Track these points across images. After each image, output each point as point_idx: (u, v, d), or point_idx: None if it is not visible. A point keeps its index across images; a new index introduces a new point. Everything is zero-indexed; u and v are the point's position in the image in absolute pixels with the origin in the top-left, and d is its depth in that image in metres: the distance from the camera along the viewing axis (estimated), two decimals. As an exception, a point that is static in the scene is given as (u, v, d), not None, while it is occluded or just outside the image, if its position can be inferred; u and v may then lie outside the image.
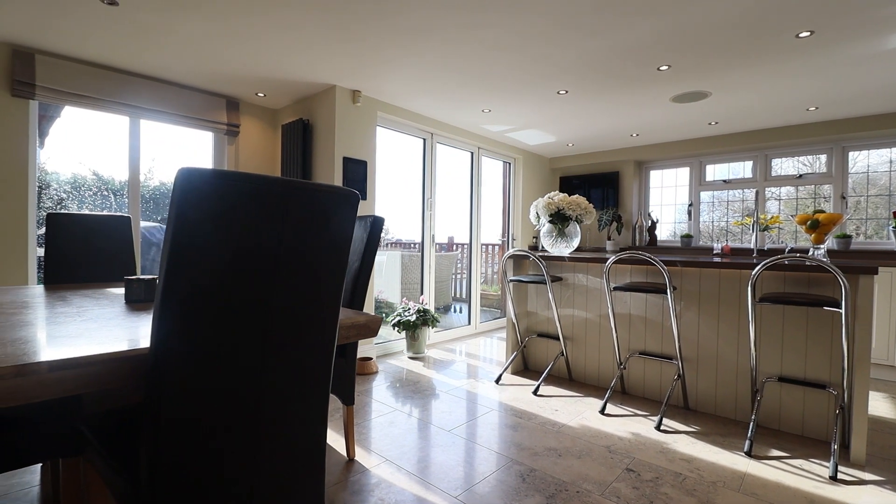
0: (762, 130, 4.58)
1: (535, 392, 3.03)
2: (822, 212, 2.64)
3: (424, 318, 3.93)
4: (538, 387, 3.06)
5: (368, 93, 3.72)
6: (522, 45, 2.76)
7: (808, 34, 2.55)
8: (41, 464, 1.81)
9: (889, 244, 4.12)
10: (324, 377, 1.08)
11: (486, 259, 6.14)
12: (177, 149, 3.78)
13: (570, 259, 3.18)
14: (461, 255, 5.84)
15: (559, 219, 3.36)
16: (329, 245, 0.99)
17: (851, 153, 4.39)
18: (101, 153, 3.40)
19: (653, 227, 5.34)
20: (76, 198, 3.34)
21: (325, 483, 1.30)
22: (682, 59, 2.92)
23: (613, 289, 2.81)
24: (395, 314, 4.00)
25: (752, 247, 3.27)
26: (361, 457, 2.11)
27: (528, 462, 2.07)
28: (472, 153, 5.06)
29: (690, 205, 5.30)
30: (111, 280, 2.33)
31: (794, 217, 2.73)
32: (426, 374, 3.45)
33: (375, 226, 2.03)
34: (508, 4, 2.29)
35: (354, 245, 2.06)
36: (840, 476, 1.98)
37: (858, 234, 4.37)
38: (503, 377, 3.38)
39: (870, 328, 2.08)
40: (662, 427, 2.49)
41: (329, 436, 2.34)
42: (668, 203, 5.54)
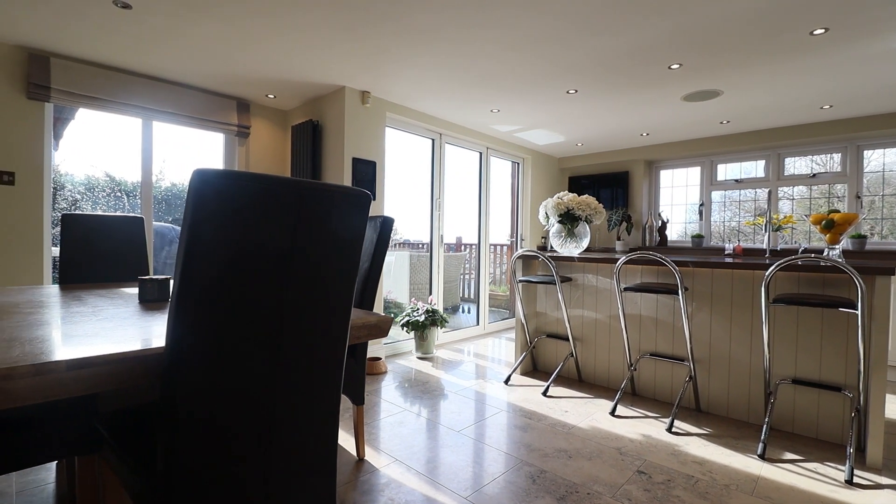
0: (775, 129, 4.53)
1: (545, 393, 3.02)
2: (837, 211, 2.60)
3: (433, 319, 3.93)
4: (547, 388, 3.05)
5: (377, 93, 3.73)
6: (532, 45, 2.75)
7: (823, 31, 2.51)
8: (56, 461, 1.83)
9: (906, 244, 4.05)
10: (335, 377, 1.08)
11: (495, 259, 6.12)
12: (187, 150, 3.82)
13: (580, 259, 3.16)
14: (469, 256, 5.83)
15: (569, 219, 3.35)
16: (341, 245, 0.99)
17: (866, 152, 4.32)
18: (114, 155, 3.44)
19: (663, 228, 5.29)
20: (90, 199, 3.39)
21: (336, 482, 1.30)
22: (694, 58, 2.89)
23: (624, 289, 2.79)
24: (404, 314, 4.00)
25: (765, 247, 3.23)
26: (371, 456, 2.12)
27: (538, 463, 2.06)
28: (481, 153, 5.06)
29: (701, 205, 5.24)
30: (124, 280, 2.36)
31: (809, 217, 2.69)
32: (435, 375, 3.45)
33: (385, 226, 2.03)
34: (518, 3, 2.28)
35: (364, 245, 2.07)
36: (856, 480, 1.95)
37: (873, 234, 4.30)
38: (512, 378, 3.37)
39: (886, 330, 2.05)
40: (674, 429, 2.46)
41: (339, 435, 2.34)
42: (679, 203, 5.49)
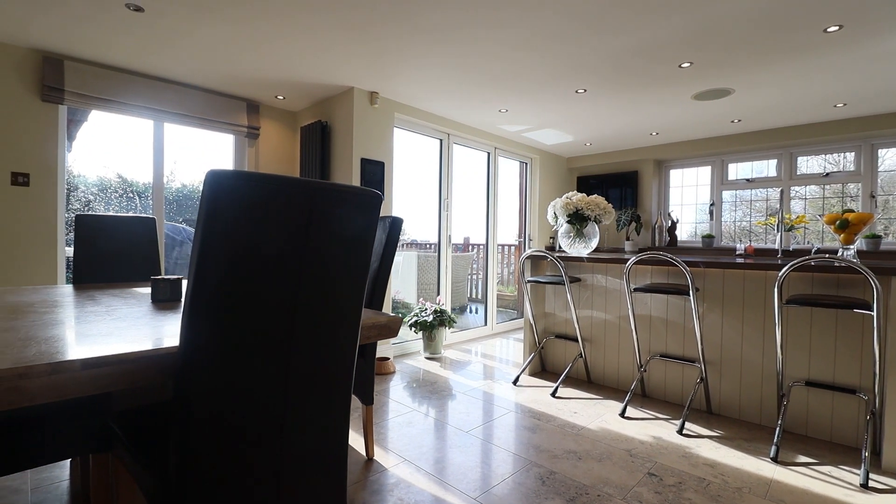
0: (787, 128, 4.47)
1: (554, 394, 3.00)
2: (852, 211, 2.56)
3: (441, 319, 3.93)
4: (556, 388, 3.04)
5: (386, 94, 3.74)
6: (541, 44, 2.74)
7: (837, 28, 2.47)
8: (70, 459, 1.86)
9: (922, 244, 3.98)
10: (346, 376, 1.08)
11: (502, 260, 6.11)
12: (198, 151, 3.86)
13: (589, 260, 3.14)
14: (477, 256, 5.83)
15: (577, 219, 3.33)
16: (353, 246, 0.99)
17: (881, 150, 4.25)
18: (125, 156, 3.48)
19: (673, 228, 5.25)
20: (102, 199, 3.43)
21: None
22: (705, 56, 2.86)
23: (634, 290, 2.77)
24: (413, 314, 4.00)
25: (777, 247, 3.18)
26: (380, 456, 2.12)
27: (548, 464, 2.05)
28: (489, 153, 5.05)
29: (712, 204, 5.19)
30: (136, 280, 2.39)
31: (822, 217, 2.65)
32: (443, 375, 3.45)
33: (394, 226, 2.03)
34: (527, 3, 2.27)
35: (374, 246, 2.07)
36: (871, 484, 1.92)
37: (888, 234, 4.23)
38: (520, 378, 3.36)
39: (903, 331, 2.01)
40: (685, 431, 2.44)
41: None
42: (689, 203, 5.44)
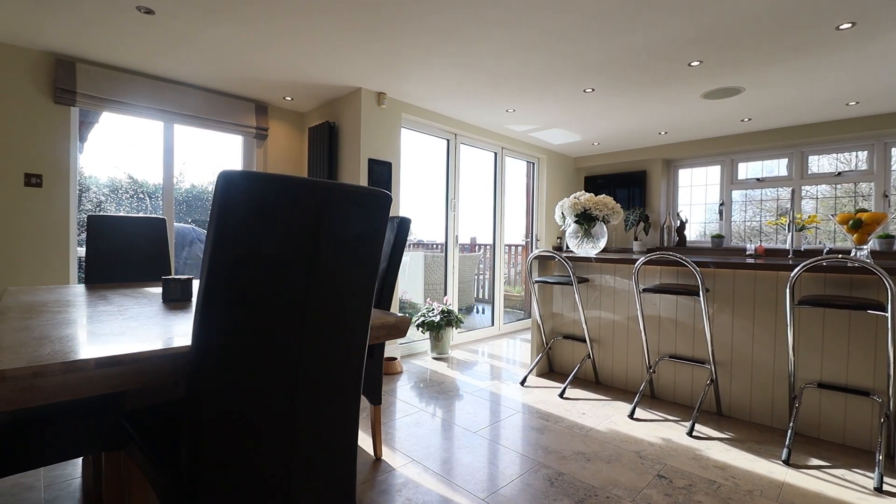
0: (798, 126, 4.42)
1: (562, 395, 2.99)
2: (865, 211, 2.53)
3: (448, 319, 3.92)
4: (564, 389, 3.02)
5: (393, 95, 3.75)
6: (549, 43, 2.73)
7: (850, 26, 2.44)
8: (82, 457, 1.88)
9: (937, 245, 3.91)
10: (356, 376, 1.08)
11: (509, 260, 6.10)
12: (207, 152, 3.89)
13: (597, 260, 3.13)
14: (484, 256, 5.82)
15: (585, 219, 3.31)
16: (363, 245, 1.00)
17: (894, 149, 4.19)
18: (136, 157, 3.52)
19: (682, 228, 5.21)
20: (113, 200, 3.47)
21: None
22: (715, 54, 2.83)
23: (643, 290, 2.75)
24: (420, 314, 4.01)
25: (788, 247, 3.15)
26: (388, 456, 2.12)
27: (556, 466, 2.04)
28: (496, 153, 5.04)
29: (721, 204, 5.14)
30: (147, 279, 2.41)
31: (835, 217, 2.62)
32: (450, 375, 3.44)
33: (402, 227, 2.03)
34: (537, 1, 2.27)
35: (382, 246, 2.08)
36: (886, 488, 1.89)
37: (903, 234, 4.16)
38: (528, 379, 3.35)
39: (919, 333, 1.98)
40: (695, 433, 2.42)
41: (356, 435, 2.35)
42: (698, 203, 5.40)
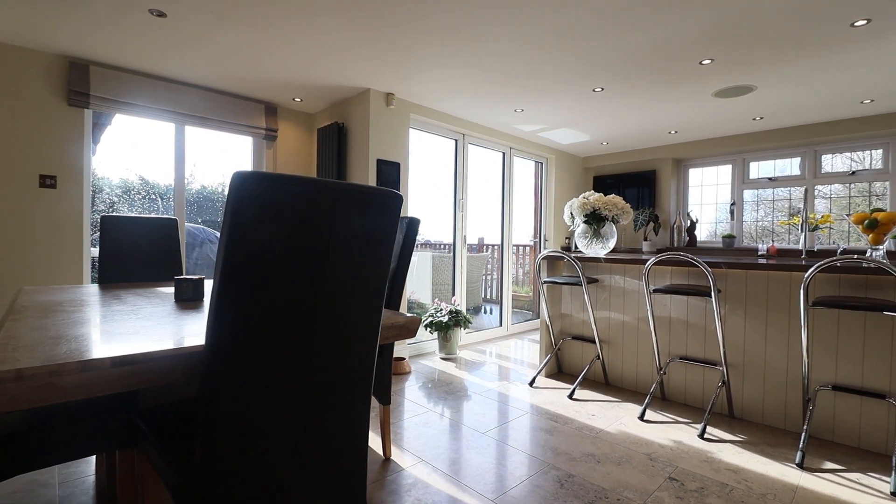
0: (811, 125, 4.36)
1: (571, 396, 2.97)
2: (881, 210, 2.49)
3: (457, 320, 3.92)
4: (573, 390, 3.01)
5: (401, 95, 3.75)
6: (559, 42, 2.72)
7: (865, 22, 2.40)
8: (96, 455, 1.90)
9: (955, 245, 3.84)
10: (367, 376, 1.09)
11: (517, 260, 6.08)
12: (216, 153, 3.92)
13: (607, 260, 3.11)
14: (492, 257, 5.81)
15: (594, 219, 3.30)
16: (374, 245, 1.00)
17: (911, 148, 4.12)
18: (147, 159, 3.56)
19: (692, 228, 5.16)
20: (126, 201, 3.51)
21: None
22: (727, 53, 2.80)
23: (653, 291, 2.72)
24: (428, 315, 4.01)
25: (801, 248, 3.11)
26: (397, 456, 2.12)
27: (566, 467, 2.03)
28: (504, 153, 5.03)
29: (733, 204, 5.09)
30: (159, 279, 2.44)
31: (850, 216, 2.58)
32: (458, 376, 3.44)
33: (411, 227, 2.04)
34: (548, 0, 2.26)
35: (391, 246, 2.08)
36: (904, 492, 1.86)
37: (919, 235, 4.09)
38: (537, 380, 3.33)
39: (937, 335, 1.94)
40: (706, 435, 2.39)
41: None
42: (709, 202, 5.34)
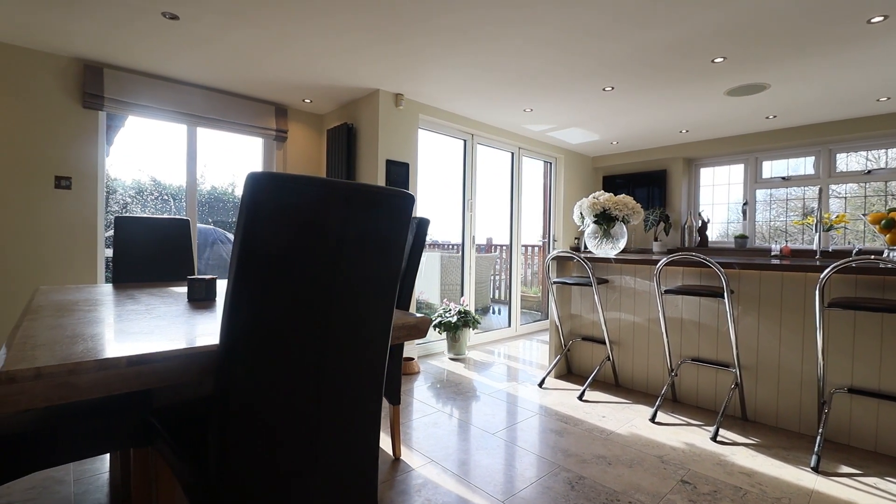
0: (826, 123, 4.29)
1: (581, 397, 2.96)
2: (898, 210, 2.44)
3: (465, 320, 3.92)
4: (583, 392, 2.99)
5: (410, 96, 3.76)
6: (569, 41, 2.71)
7: (882, 19, 2.36)
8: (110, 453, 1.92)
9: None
10: (378, 376, 1.09)
11: (526, 261, 6.06)
12: (226, 154, 3.96)
13: (617, 261, 3.08)
14: (500, 257, 5.79)
15: (605, 219, 3.27)
16: (386, 245, 1.00)
17: (929, 146, 4.04)
18: (159, 160, 3.60)
19: (703, 228, 5.11)
20: (139, 202, 3.55)
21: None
22: (739, 50, 2.77)
23: (665, 292, 2.70)
24: (437, 315, 4.01)
25: (815, 248, 3.06)
26: (406, 456, 2.12)
27: (576, 469, 2.02)
28: (513, 153, 5.02)
29: (745, 203, 5.03)
30: (171, 279, 2.46)
31: (866, 216, 2.53)
32: (467, 376, 3.44)
33: (421, 227, 2.04)
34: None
35: (400, 246, 2.08)
36: (923, 498, 1.82)
37: (938, 235, 4.00)
38: (546, 381, 3.32)
39: (958, 337, 1.90)
40: (719, 438, 2.37)
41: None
42: (720, 202, 5.29)
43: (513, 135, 4.84)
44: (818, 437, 2.14)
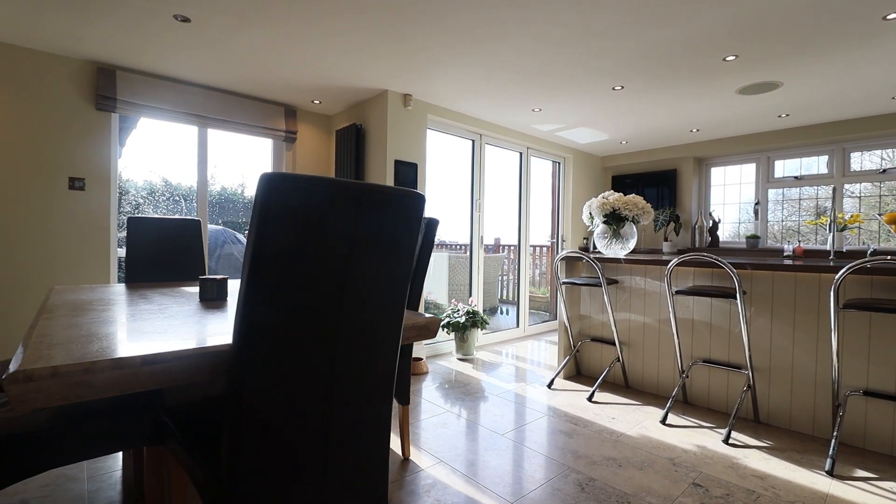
0: (840, 122, 4.23)
1: (590, 398, 2.94)
2: (916, 210, 2.40)
3: (474, 320, 3.91)
4: (593, 393, 2.97)
5: (419, 96, 3.76)
6: (578, 40, 2.69)
7: (899, 15, 2.32)
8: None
9: None
10: (389, 376, 1.09)
11: (534, 261, 6.03)
12: (236, 155, 3.99)
13: (627, 261, 3.06)
14: (508, 257, 5.78)
15: (614, 219, 3.25)
16: (397, 245, 1.00)
17: (947, 145, 3.97)
18: (170, 161, 3.64)
19: (714, 228, 5.06)
20: (150, 202, 3.59)
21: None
22: (752, 48, 2.74)
23: (676, 293, 2.67)
24: (445, 315, 4.01)
25: (829, 248, 3.01)
26: (415, 456, 2.12)
27: (586, 471, 2.00)
28: (521, 153, 5.00)
29: (757, 203, 4.97)
30: (183, 279, 2.48)
31: (882, 216, 2.49)
32: (476, 376, 3.43)
33: (430, 228, 2.03)
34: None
35: (409, 246, 2.08)
36: (942, 503, 1.78)
37: (955, 235, 3.93)
38: (555, 382, 3.30)
39: (978, 339, 1.86)
40: (731, 440, 2.34)
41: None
42: (731, 202, 5.23)
43: (521, 135, 4.83)
44: (833, 441, 2.11)
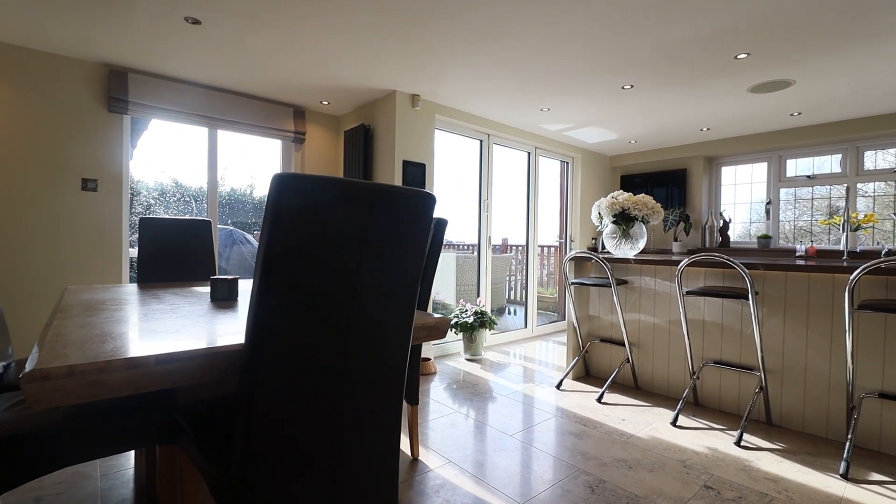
0: (853, 120, 4.17)
1: (600, 399, 2.92)
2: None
3: (482, 321, 3.91)
4: (602, 394, 2.95)
5: (427, 96, 3.76)
6: (587, 39, 2.68)
7: (915, 11, 2.28)
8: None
9: None
10: (399, 375, 1.09)
11: (542, 261, 6.01)
12: (245, 156, 4.02)
13: (637, 261, 3.04)
14: (516, 257, 5.76)
15: (623, 219, 3.23)
16: (407, 246, 1.00)
17: (964, 143, 3.89)
18: (181, 162, 3.67)
19: (725, 228, 5.00)
20: (161, 203, 3.63)
21: (396, 482, 1.31)
22: (764, 46, 2.71)
23: (686, 293, 2.65)
24: (453, 316, 4.00)
25: (842, 248, 2.97)
26: (424, 456, 2.12)
27: (596, 472, 1.99)
28: (529, 153, 4.99)
29: (769, 203, 4.91)
30: (193, 279, 2.50)
31: (898, 215, 2.45)
32: (484, 377, 3.42)
33: (439, 228, 2.03)
34: (574, -1, 2.23)
35: (418, 247, 2.08)
36: (961, 508, 1.75)
37: (973, 235, 3.86)
38: (564, 382, 3.29)
39: None
40: (743, 443, 2.31)
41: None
42: (742, 202, 5.17)
43: (529, 134, 4.81)
44: (847, 443, 2.08)
